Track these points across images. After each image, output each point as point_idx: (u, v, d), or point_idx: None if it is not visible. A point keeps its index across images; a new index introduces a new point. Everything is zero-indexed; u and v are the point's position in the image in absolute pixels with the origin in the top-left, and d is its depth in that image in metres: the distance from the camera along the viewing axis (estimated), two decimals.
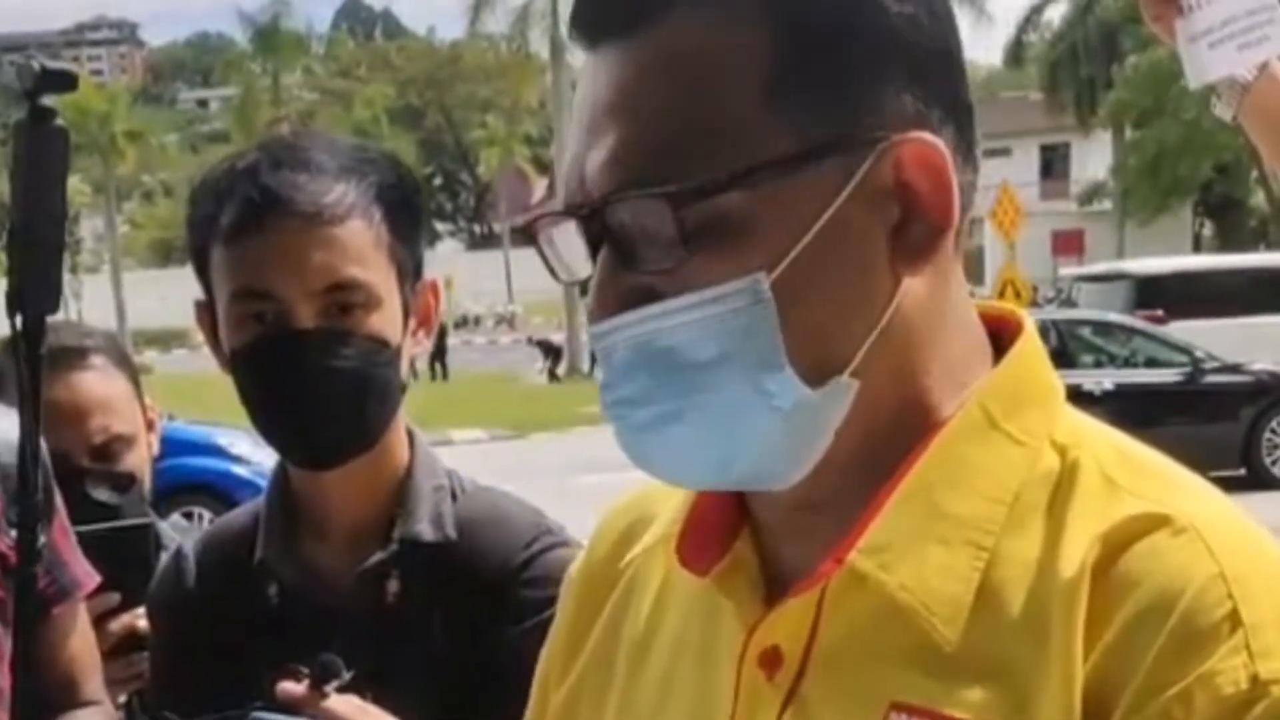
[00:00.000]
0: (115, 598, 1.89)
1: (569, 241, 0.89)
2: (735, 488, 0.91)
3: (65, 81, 1.39)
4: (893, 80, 0.85)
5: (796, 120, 0.83)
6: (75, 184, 56.59)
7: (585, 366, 29.07)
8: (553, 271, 0.92)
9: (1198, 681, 0.77)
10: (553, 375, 29.44)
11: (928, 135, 0.85)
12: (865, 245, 0.85)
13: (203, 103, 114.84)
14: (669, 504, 1.00)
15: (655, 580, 1.00)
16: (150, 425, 2.15)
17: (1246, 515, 0.86)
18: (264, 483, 1.66)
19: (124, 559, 1.90)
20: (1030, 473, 0.86)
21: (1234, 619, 0.78)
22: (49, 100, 1.39)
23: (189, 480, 9.89)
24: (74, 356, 2.07)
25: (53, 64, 1.39)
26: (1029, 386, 0.90)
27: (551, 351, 30.13)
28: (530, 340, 31.10)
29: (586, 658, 1.04)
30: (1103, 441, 0.88)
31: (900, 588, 0.84)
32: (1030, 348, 0.91)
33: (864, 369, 0.85)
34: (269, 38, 55.20)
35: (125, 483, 2.04)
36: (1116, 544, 0.81)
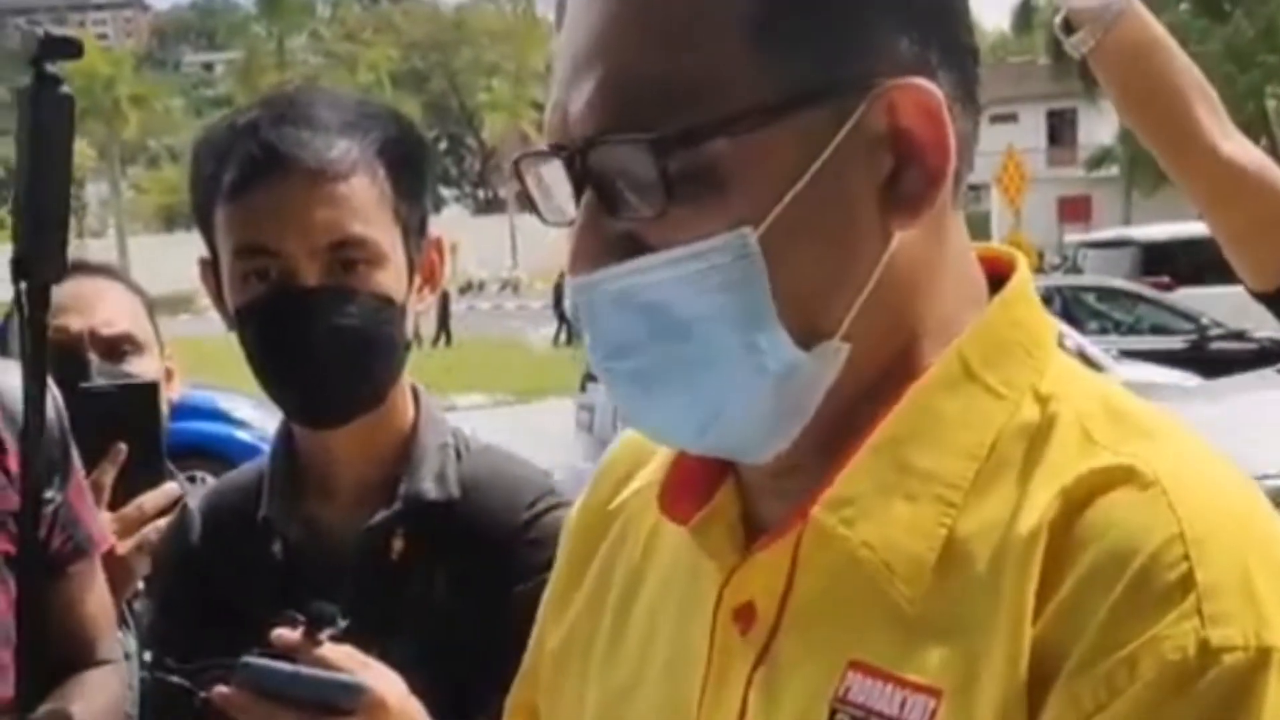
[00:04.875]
0: (122, 448, 1.90)
1: (557, 181, 0.87)
2: (716, 453, 0.89)
3: (70, 48, 1.39)
4: (887, 22, 0.82)
5: (784, 65, 0.80)
6: (80, 148, 56.14)
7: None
8: (538, 212, 0.89)
9: (1145, 646, 0.73)
10: (563, 339, 29.26)
11: (922, 80, 0.81)
12: (856, 197, 0.82)
13: (208, 66, 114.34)
14: (662, 449, 0.98)
15: (646, 525, 0.99)
16: (169, 375, 2.15)
17: (1231, 472, 0.82)
18: (266, 448, 1.66)
19: (129, 416, 1.92)
20: (1007, 425, 0.83)
21: (1188, 582, 0.74)
22: (54, 67, 1.39)
23: (191, 444, 9.89)
24: (95, 269, 2.14)
25: (58, 30, 1.39)
26: (1013, 334, 0.86)
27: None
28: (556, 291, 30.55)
29: (580, 603, 1.03)
30: (1089, 392, 0.85)
31: (862, 544, 0.82)
32: (1016, 294, 0.88)
33: (855, 331, 0.82)
34: (274, 1, 54.96)
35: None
36: (1078, 499, 0.78)
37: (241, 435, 10.38)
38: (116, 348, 2.06)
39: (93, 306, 2.07)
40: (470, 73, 72.94)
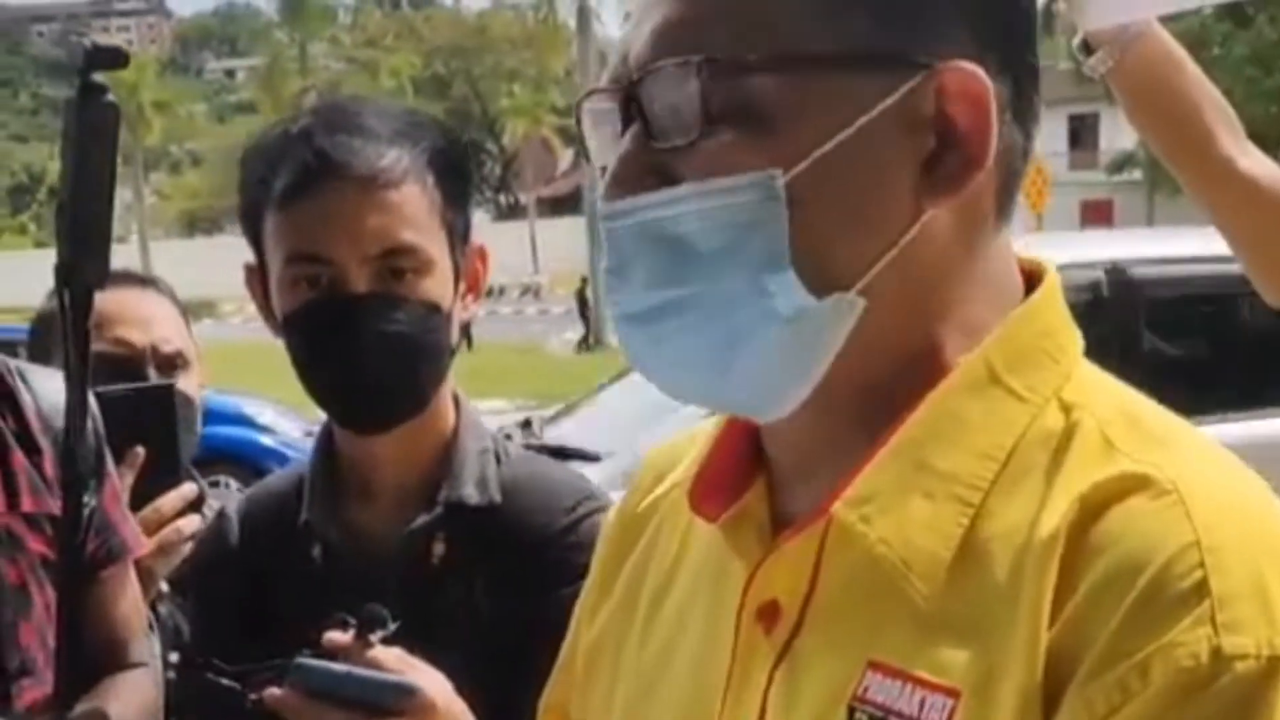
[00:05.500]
0: (140, 452, 1.93)
1: (601, 125, 0.89)
2: (732, 408, 0.90)
3: (115, 58, 1.41)
4: (955, 14, 0.84)
5: (846, 23, 0.82)
6: None
7: (609, 338, 29.07)
8: (587, 155, 0.91)
9: (1157, 652, 0.74)
10: (584, 344, 29.39)
11: (972, 65, 0.83)
12: (891, 167, 0.83)
13: (230, 73, 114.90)
14: (693, 450, 0.99)
15: (681, 524, 1.00)
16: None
17: (1249, 480, 0.82)
18: (290, 453, 1.70)
19: (146, 420, 1.95)
20: (1029, 430, 0.84)
21: (1202, 589, 0.74)
22: (99, 77, 1.41)
23: (215, 449, 9.90)
24: (144, 281, 2.18)
25: (103, 41, 1.41)
26: (1040, 340, 0.87)
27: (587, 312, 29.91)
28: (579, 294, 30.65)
29: (615, 599, 1.05)
30: (1111, 401, 0.86)
31: (879, 541, 0.83)
32: (1045, 300, 0.89)
33: (872, 295, 0.83)
34: (296, 7, 55.23)
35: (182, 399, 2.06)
36: (1094, 505, 0.78)
37: (265, 440, 10.42)
38: (171, 364, 2.11)
39: (150, 322, 2.11)
40: (492, 79, 73.01)
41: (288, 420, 10.49)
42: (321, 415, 1.64)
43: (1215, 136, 1.72)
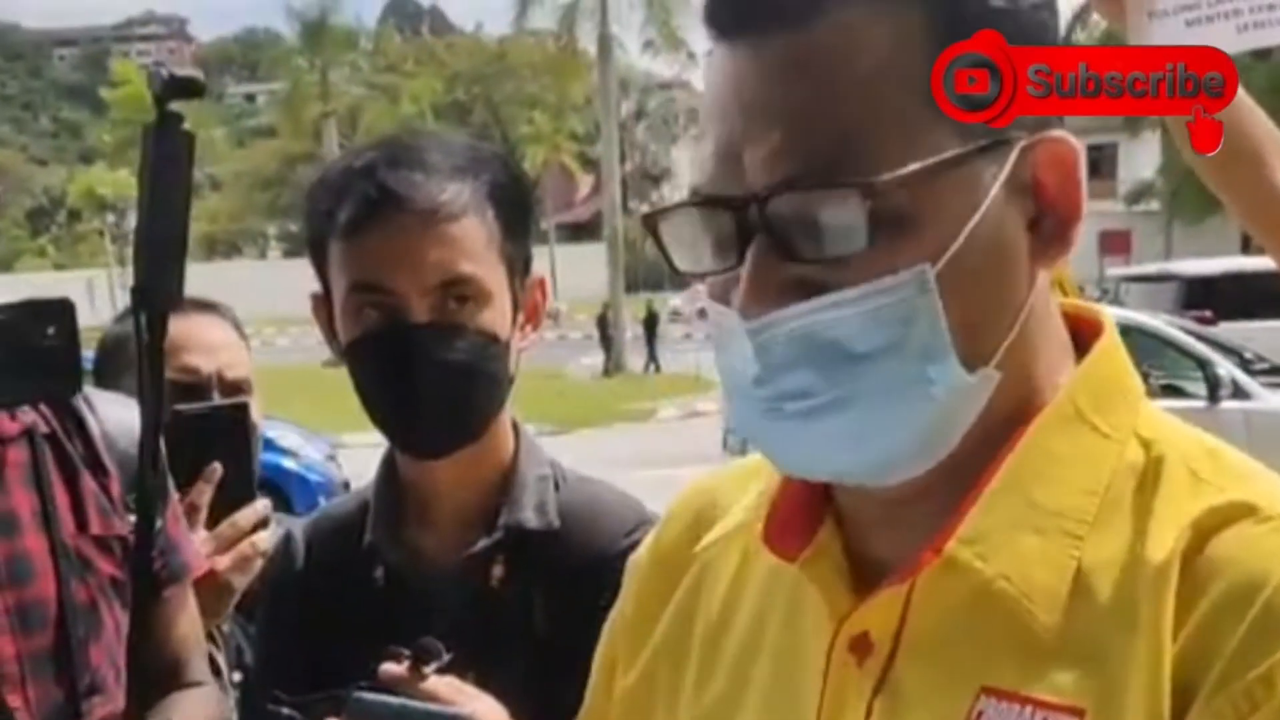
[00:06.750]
0: (217, 468, 1.97)
1: (691, 233, 0.91)
2: (846, 480, 0.92)
3: (192, 87, 1.45)
4: None
5: (957, 120, 0.86)
6: (123, 177, 56.95)
7: (629, 364, 29.13)
8: (671, 262, 0.93)
9: (1279, 664, 0.80)
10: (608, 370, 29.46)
11: (1062, 132, 0.89)
12: (1012, 238, 0.88)
13: (250, 97, 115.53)
14: (744, 491, 1.03)
15: (730, 566, 1.04)
16: None
17: None
18: (313, 476, 1.72)
19: (220, 437, 1.99)
20: (1118, 465, 0.90)
21: None
22: (176, 106, 1.44)
23: None
24: (208, 306, 2.20)
25: (181, 71, 1.45)
26: (1114, 382, 0.94)
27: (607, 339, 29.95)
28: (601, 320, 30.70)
29: (657, 643, 1.07)
30: (1187, 437, 0.92)
31: (999, 576, 0.87)
32: (1114, 345, 0.95)
33: (1002, 361, 0.88)
34: (316, 33, 55.36)
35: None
36: (1204, 531, 0.85)
37: (288, 464, 10.41)
38: (236, 390, 2.14)
39: (216, 349, 2.15)
40: (512, 105, 73.04)
41: (311, 445, 10.49)
42: (341, 438, 1.67)
43: (1271, 167, 1.73)
